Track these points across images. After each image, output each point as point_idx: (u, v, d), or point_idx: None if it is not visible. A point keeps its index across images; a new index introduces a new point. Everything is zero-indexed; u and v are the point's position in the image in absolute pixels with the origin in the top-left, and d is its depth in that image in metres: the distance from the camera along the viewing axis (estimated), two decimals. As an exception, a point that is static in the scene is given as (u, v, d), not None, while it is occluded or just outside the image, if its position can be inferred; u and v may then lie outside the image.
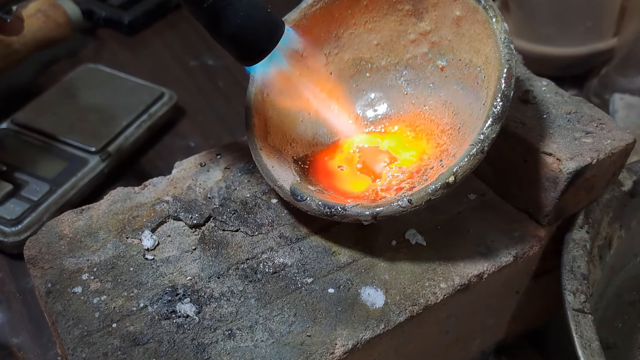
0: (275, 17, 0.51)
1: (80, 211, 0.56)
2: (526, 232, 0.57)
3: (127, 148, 0.87)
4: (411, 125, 0.60)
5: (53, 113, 0.88)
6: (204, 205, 0.56)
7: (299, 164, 0.58)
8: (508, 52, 0.50)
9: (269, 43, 0.51)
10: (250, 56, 0.52)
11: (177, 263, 0.52)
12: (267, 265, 0.52)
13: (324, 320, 0.49)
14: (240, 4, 0.48)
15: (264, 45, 0.51)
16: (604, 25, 0.99)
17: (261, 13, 0.50)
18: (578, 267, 0.56)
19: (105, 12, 1.14)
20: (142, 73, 1.01)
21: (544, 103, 0.60)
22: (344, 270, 0.52)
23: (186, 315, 0.48)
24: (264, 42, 0.51)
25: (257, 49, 0.51)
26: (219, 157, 0.61)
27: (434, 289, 0.52)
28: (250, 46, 0.51)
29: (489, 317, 0.62)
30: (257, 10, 0.50)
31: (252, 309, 0.49)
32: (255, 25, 0.50)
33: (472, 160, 0.48)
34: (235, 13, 0.48)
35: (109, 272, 0.51)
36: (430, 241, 0.55)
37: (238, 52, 0.51)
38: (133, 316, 0.48)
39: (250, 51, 0.51)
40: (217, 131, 0.95)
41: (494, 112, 0.48)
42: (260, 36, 0.50)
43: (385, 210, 0.49)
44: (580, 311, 0.53)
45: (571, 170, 0.53)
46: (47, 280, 0.50)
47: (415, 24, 0.59)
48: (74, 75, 0.96)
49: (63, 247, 0.53)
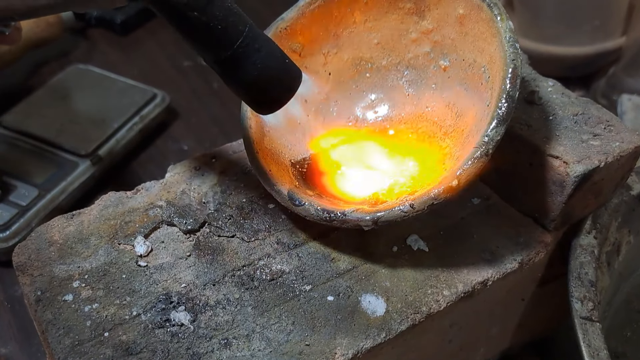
0: (292, 67, 0.51)
1: (70, 216, 0.56)
2: (532, 237, 0.57)
3: (119, 151, 0.88)
4: (413, 128, 0.60)
5: (42, 115, 0.88)
6: (199, 211, 0.56)
7: (296, 167, 0.58)
8: (513, 51, 0.50)
9: (285, 94, 0.51)
10: (266, 106, 0.51)
11: (171, 270, 0.52)
12: (264, 272, 0.52)
13: (323, 329, 0.49)
14: (259, 56, 0.48)
15: (281, 96, 0.51)
16: (611, 23, 0.99)
17: (279, 63, 0.50)
18: (585, 274, 0.56)
19: (96, 11, 1.14)
20: (133, 74, 1.01)
21: (550, 104, 0.60)
22: (343, 277, 0.53)
23: (181, 324, 0.49)
24: (281, 93, 0.51)
25: (274, 99, 0.51)
26: (213, 161, 0.61)
27: (436, 297, 0.52)
28: (266, 97, 0.51)
29: (493, 325, 0.62)
30: (275, 61, 0.50)
31: (248, 318, 0.49)
32: (273, 76, 0.49)
33: (476, 163, 0.48)
34: (254, 65, 0.48)
35: (101, 280, 0.51)
36: (432, 247, 0.55)
37: (254, 103, 0.51)
38: (126, 325, 0.48)
39: (266, 102, 0.51)
40: (212, 134, 0.95)
41: (498, 113, 0.49)
42: (277, 87, 0.50)
43: (386, 215, 0.49)
44: (588, 319, 0.53)
45: (578, 174, 0.54)
46: (37, 287, 0.50)
47: (417, 22, 0.59)
48: (63, 76, 0.97)
49: (53, 254, 0.53)
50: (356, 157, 0.60)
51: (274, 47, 0.50)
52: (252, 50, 0.48)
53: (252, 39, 0.48)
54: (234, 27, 0.47)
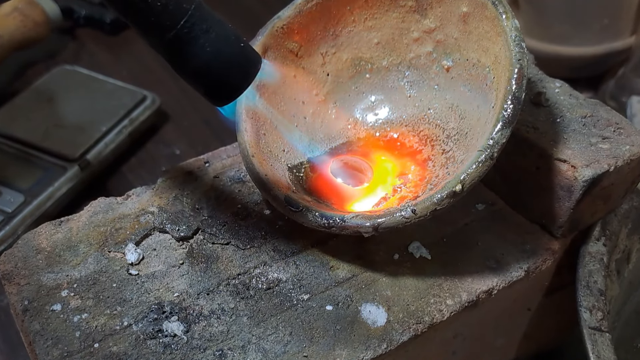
0: (250, 51, 0.48)
1: (58, 223, 0.56)
2: (539, 244, 0.57)
3: (107, 156, 0.88)
4: (414, 130, 0.60)
5: (27, 119, 0.88)
6: (192, 217, 0.57)
7: (294, 172, 0.59)
8: (519, 51, 0.50)
9: (242, 81, 0.48)
10: (219, 96, 0.48)
11: (163, 278, 0.52)
12: (260, 281, 0.53)
13: (321, 339, 0.49)
14: (208, 38, 0.45)
15: (235, 85, 0.48)
16: (621, 22, 0.99)
17: (233, 46, 0.47)
18: (594, 283, 0.56)
19: (85, 10, 1.14)
20: (122, 75, 1.01)
21: (558, 106, 0.60)
22: (342, 286, 0.53)
23: (173, 335, 0.49)
24: (235, 81, 0.48)
25: (227, 88, 0.48)
26: (207, 165, 0.61)
27: (439, 306, 0.52)
28: (218, 85, 0.47)
29: (498, 336, 0.63)
30: (228, 45, 0.46)
31: (244, 328, 0.50)
32: (227, 61, 0.46)
33: (481, 167, 0.48)
34: (202, 48, 0.45)
35: (90, 289, 0.51)
36: (435, 255, 0.56)
37: (208, 93, 0.48)
38: (116, 335, 0.48)
39: (218, 91, 0.48)
40: (204, 137, 0.95)
41: (504, 115, 0.49)
42: (232, 73, 0.47)
43: (387, 221, 0.50)
44: (597, 329, 0.53)
45: (587, 178, 0.54)
46: (24, 297, 0.50)
47: (418, 21, 0.59)
48: (49, 77, 0.97)
49: (40, 262, 0.53)
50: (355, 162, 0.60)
51: (227, 29, 0.47)
52: (199, 31, 0.45)
53: (200, 18, 0.45)
54: (177, 4, 0.44)
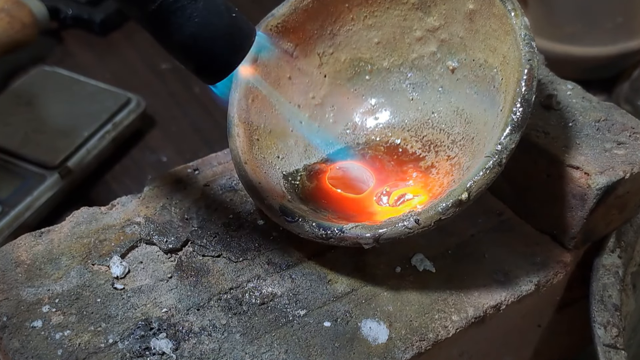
0: (242, 22, 0.47)
1: (39, 234, 0.56)
2: (549, 257, 0.58)
3: (90, 163, 0.88)
4: (417, 136, 0.61)
5: (4, 123, 0.88)
6: (181, 228, 0.57)
7: (289, 179, 0.59)
8: (529, 50, 0.51)
9: (234, 55, 0.47)
10: (210, 72, 0.48)
11: (150, 293, 0.52)
12: (253, 296, 0.53)
13: (319, 357, 0.49)
14: (195, 7, 0.44)
15: (227, 58, 0.47)
16: (636, 21, 0.99)
17: (224, 17, 0.46)
18: (609, 297, 0.56)
19: (72, 9, 1.14)
20: (105, 77, 1.01)
21: (570, 109, 0.60)
22: (341, 300, 0.53)
23: (162, 353, 0.49)
24: (226, 53, 0.47)
25: (218, 63, 0.47)
26: (196, 173, 0.62)
27: (444, 322, 0.52)
28: (208, 60, 0.47)
29: (507, 354, 0.63)
30: (217, 15, 0.46)
31: (237, 345, 0.50)
32: (215, 33, 0.46)
33: (488, 174, 0.49)
34: (189, 19, 0.44)
35: (73, 304, 0.51)
36: (440, 267, 0.56)
37: (195, 67, 0.47)
38: (101, 354, 0.48)
39: (209, 66, 0.47)
40: (193, 143, 0.95)
41: (513, 119, 0.49)
42: (223, 46, 0.47)
43: (389, 231, 0.50)
44: (612, 347, 0.53)
45: (601, 186, 0.54)
46: (2, 313, 0.50)
47: (421, 19, 0.60)
48: (27, 79, 0.97)
49: (20, 276, 0.53)
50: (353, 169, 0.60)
51: None
52: (185, 0, 0.44)
53: None
54: None
